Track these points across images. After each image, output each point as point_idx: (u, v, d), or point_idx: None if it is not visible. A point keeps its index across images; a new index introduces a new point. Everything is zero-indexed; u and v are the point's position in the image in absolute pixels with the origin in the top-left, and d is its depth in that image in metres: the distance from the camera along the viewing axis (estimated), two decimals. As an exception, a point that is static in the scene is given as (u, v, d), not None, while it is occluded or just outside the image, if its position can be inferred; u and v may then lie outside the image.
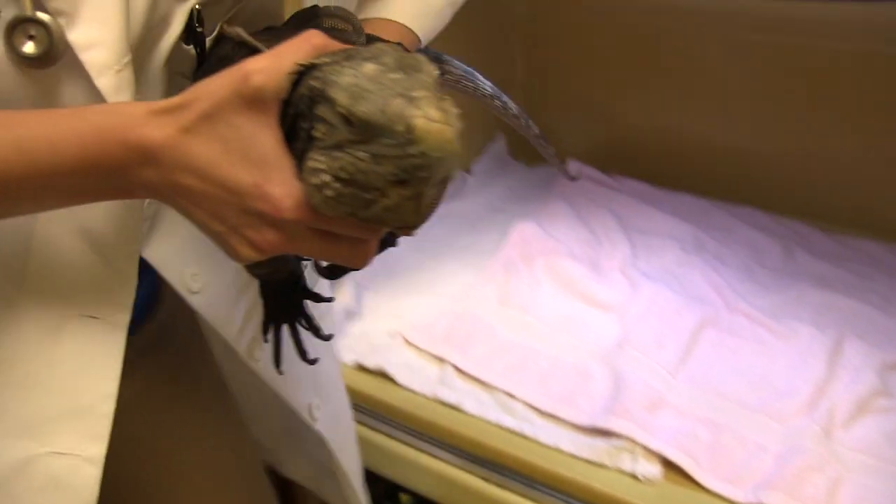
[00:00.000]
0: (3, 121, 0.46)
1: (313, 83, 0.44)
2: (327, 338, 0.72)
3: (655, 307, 1.29)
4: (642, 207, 1.56)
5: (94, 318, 0.56)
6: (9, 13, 0.48)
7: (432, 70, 0.43)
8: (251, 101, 0.45)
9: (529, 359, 1.22)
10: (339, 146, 0.43)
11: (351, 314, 1.32)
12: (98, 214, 0.54)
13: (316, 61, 0.45)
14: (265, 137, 0.46)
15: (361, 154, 0.42)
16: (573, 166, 1.68)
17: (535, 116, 1.75)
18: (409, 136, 0.40)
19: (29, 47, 0.48)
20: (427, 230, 1.78)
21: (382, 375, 1.22)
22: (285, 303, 0.68)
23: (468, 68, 0.87)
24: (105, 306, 0.57)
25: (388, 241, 0.57)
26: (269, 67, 0.45)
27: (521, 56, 1.83)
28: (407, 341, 1.27)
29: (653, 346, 1.23)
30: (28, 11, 0.48)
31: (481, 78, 0.89)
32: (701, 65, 1.60)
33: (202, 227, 0.49)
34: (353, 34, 0.61)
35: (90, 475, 0.57)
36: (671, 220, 1.51)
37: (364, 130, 0.41)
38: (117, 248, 0.56)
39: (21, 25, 0.48)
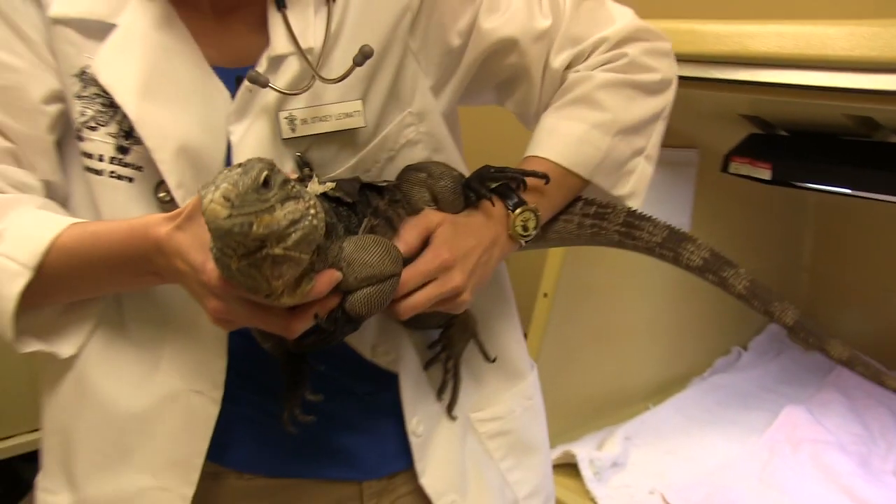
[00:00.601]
0: (86, 224, 0.74)
1: None
2: (317, 399, 0.78)
3: (932, 521, 1.27)
4: (926, 410, 1.53)
5: (200, 392, 0.79)
6: (157, 176, 0.74)
7: (258, 175, 0.57)
8: None
9: (784, 544, 1.25)
10: None
11: (617, 465, 1.44)
12: (200, 317, 0.73)
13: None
14: None
15: None
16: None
17: (817, 302, 1.80)
18: (203, 211, 0.56)
19: (161, 194, 0.75)
20: (697, 398, 1.85)
21: (640, 529, 1.32)
22: (290, 375, 0.79)
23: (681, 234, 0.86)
24: (206, 384, 0.79)
25: (322, 329, 0.69)
26: None
27: (810, 240, 1.89)
28: (665, 500, 1.36)
29: (925, 562, 1.20)
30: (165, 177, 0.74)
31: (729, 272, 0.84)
32: None
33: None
34: (428, 179, 0.79)
35: None
36: (958, 428, 1.47)
37: None
38: (212, 344, 0.78)
39: (161, 184, 0.75)
